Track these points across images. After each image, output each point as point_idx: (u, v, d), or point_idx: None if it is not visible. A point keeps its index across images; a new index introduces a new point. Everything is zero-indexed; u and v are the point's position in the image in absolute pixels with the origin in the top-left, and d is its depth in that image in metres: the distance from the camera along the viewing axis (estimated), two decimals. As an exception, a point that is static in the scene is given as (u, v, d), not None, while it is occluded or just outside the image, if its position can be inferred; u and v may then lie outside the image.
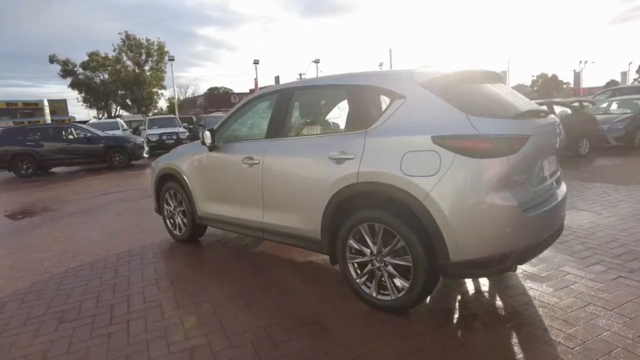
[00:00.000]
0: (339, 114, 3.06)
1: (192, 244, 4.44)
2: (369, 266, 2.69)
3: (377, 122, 2.63)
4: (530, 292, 2.80)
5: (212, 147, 3.77)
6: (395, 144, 2.49)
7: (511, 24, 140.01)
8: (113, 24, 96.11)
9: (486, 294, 2.87)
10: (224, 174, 3.76)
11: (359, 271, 2.78)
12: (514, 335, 2.33)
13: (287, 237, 3.23)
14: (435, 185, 2.29)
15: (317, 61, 38.69)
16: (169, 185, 4.45)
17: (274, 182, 3.23)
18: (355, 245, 2.73)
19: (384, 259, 2.60)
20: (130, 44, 41.30)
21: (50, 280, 3.63)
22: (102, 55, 40.77)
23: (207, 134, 3.69)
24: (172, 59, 31.07)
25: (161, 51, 41.92)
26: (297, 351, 2.28)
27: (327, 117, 3.37)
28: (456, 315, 2.61)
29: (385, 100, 2.65)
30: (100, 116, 41.94)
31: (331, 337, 2.40)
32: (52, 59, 39.88)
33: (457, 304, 2.76)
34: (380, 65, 38.74)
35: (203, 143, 3.78)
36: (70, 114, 35.20)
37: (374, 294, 2.68)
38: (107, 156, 12.19)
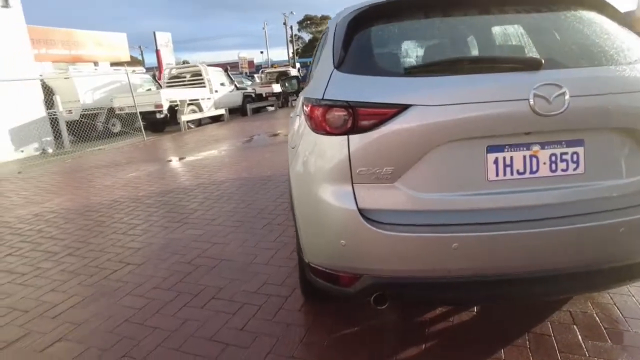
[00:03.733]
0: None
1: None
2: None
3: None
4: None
5: (298, 91, 4.00)
6: (298, 105, 2.09)
7: None
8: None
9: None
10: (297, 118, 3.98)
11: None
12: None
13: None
14: (292, 160, 1.86)
15: None
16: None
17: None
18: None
19: (302, 234, 2.34)
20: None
21: (212, 182, 5.19)
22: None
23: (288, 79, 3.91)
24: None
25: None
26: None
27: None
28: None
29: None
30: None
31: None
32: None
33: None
34: None
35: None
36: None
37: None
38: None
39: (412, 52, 1.78)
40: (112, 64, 17.80)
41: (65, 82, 11.28)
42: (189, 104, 12.19)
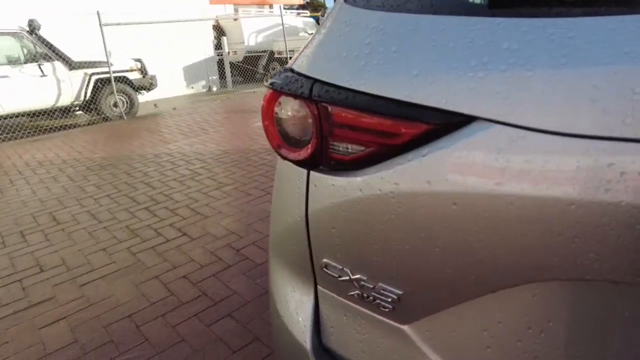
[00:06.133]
0: None
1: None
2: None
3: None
4: None
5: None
6: None
7: None
8: None
9: None
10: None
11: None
12: None
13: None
14: None
15: None
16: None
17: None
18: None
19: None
20: None
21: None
22: None
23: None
24: None
25: None
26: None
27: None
28: None
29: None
30: None
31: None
32: None
33: None
34: None
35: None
36: None
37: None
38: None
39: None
40: (286, 7, 18.34)
41: (234, 24, 11.94)
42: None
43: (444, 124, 0.46)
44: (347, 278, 0.59)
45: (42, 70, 6.58)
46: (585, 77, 0.37)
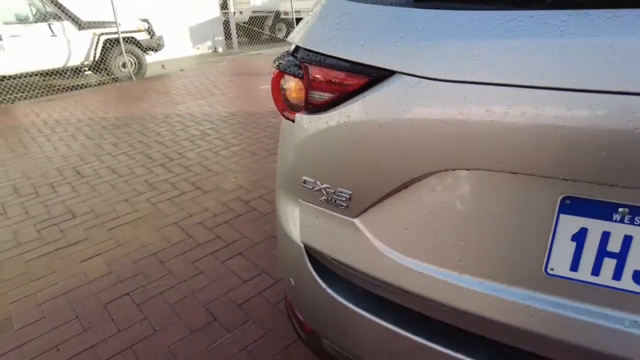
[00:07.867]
0: None
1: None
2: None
3: None
4: None
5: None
6: None
7: None
8: None
9: None
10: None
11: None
12: None
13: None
14: None
15: None
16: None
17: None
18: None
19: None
20: None
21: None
22: None
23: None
24: None
25: None
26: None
27: None
28: None
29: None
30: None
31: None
32: None
33: None
34: None
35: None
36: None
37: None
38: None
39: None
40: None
41: (240, -17, 11.84)
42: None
43: (377, 76, 0.74)
44: (318, 188, 0.90)
45: (52, 30, 6.75)
46: (447, 48, 0.66)
